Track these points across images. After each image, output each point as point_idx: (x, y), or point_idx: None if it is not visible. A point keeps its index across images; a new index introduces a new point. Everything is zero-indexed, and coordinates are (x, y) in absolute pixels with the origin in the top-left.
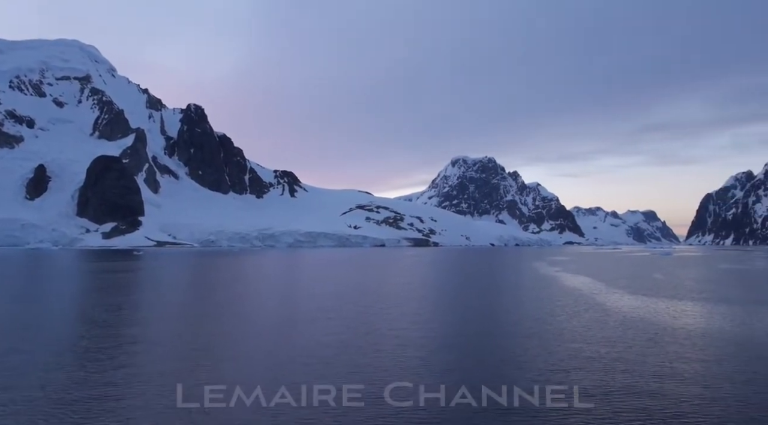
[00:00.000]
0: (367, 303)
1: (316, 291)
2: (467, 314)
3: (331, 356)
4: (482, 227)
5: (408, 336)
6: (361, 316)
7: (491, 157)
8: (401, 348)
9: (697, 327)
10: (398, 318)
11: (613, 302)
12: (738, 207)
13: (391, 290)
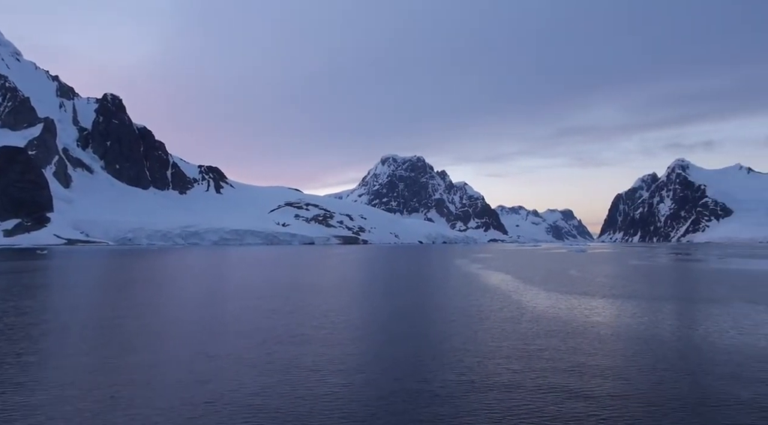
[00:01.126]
0: (274, 306)
1: (227, 292)
2: (383, 314)
3: (218, 369)
4: (411, 225)
5: (312, 336)
6: (264, 319)
7: (420, 156)
8: (299, 347)
9: (606, 324)
10: (301, 323)
11: (529, 300)
12: (644, 207)
13: (309, 289)
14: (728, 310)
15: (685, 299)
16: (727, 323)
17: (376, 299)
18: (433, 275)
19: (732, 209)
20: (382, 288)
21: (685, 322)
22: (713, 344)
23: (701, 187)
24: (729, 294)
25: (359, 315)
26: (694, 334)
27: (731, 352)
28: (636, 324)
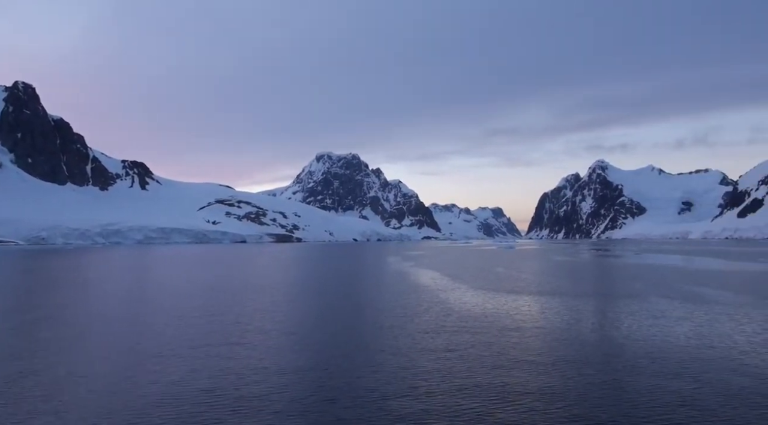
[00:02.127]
0: (188, 308)
1: (142, 294)
2: (304, 315)
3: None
4: (346, 222)
5: (229, 340)
6: (176, 323)
7: (355, 153)
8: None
9: (530, 322)
10: (213, 329)
11: (456, 298)
12: (568, 205)
13: (231, 289)
14: (646, 306)
15: (606, 295)
16: (647, 319)
17: (301, 299)
18: (364, 274)
19: (645, 207)
20: (309, 288)
21: (606, 318)
22: (632, 339)
23: (619, 187)
24: (646, 289)
25: (279, 317)
26: (614, 330)
27: (649, 348)
28: (559, 321)
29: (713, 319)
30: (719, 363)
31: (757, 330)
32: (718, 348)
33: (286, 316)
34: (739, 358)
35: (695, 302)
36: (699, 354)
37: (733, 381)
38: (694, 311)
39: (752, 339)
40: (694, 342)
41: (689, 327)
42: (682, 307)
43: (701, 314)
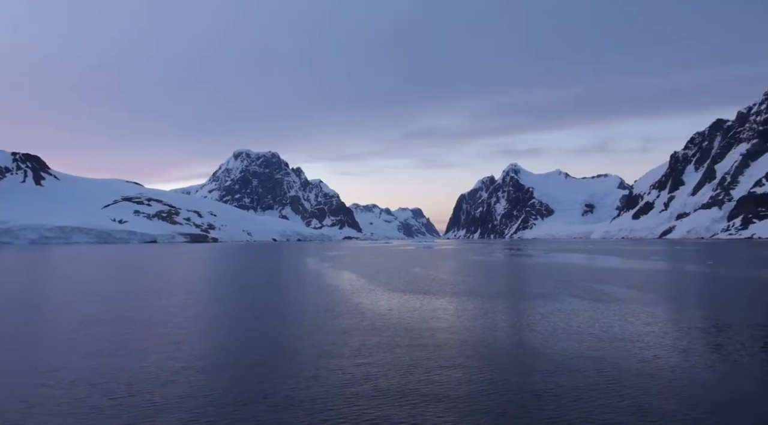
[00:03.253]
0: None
1: (26, 299)
2: (206, 321)
3: None
4: (265, 222)
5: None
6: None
7: (275, 152)
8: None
9: (445, 325)
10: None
11: (370, 301)
12: (484, 206)
13: (122, 294)
14: (559, 306)
15: (520, 295)
16: (560, 320)
17: (205, 303)
18: (279, 275)
19: (553, 209)
20: (216, 291)
21: (521, 319)
22: (546, 340)
23: (530, 189)
24: (557, 289)
25: (179, 322)
26: (528, 331)
27: (562, 348)
28: (474, 323)
29: (622, 319)
30: (629, 361)
31: (665, 330)
32: (628, 346)
33: (186, 321)
34: (647, 356)
35: (603, 302)
36: (610, 353)
37: (645, 380)
38: (603, 310)
39: (662, 340)
40: (605, 341)
41: (600, 327)
42: (592, 307)
43: (610, 314)
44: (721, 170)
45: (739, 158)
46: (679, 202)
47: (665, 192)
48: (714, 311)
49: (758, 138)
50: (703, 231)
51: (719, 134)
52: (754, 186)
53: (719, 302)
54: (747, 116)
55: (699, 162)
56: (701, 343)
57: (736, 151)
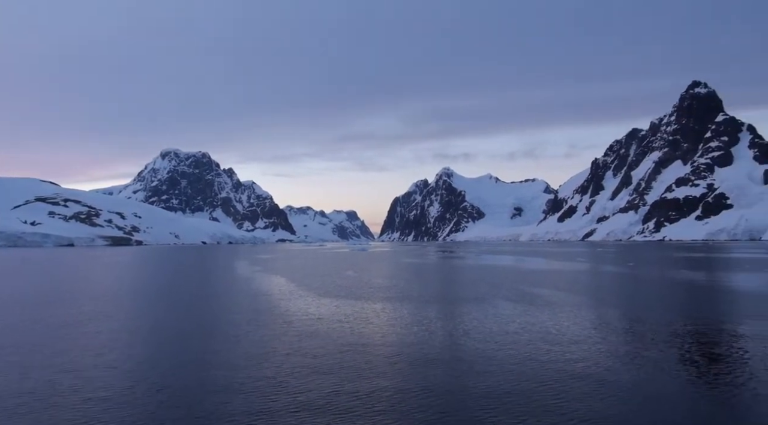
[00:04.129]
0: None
1: None
2: (122, 326)
3: None
4: (194, 224)
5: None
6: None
7: (205, 152)
8: None
9: (375, 330)
10: None
11: (298, 308)
12: (418, 209)
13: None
14: (494, 311)
15: (454, 299)
16: (497, 325)
17: (120, 310)
18: (203, 280)
19: (484, 212)
20: (127, 299)
21: (455, 325)
22: (480, 346)
23: (462, 193)
24: (491, 292)
25: (89, 330)
26: (463, 338)
27: (497, 354)
28: (406, 330)
29: (556, 323)
30: (563, 363)
31: (595, 332)
32: (561, 349)
33: (82, 336)
34: (579, 357)
35: (537, 305)
36: (542, 356)
37: (581, 382)
38: (536, 314)
39: (597, 347)
40: (537, 345)
41: (533, 331)
42: (526, 311)
43: (544, 318)
44: (636, 177)
45: (652, 166)
46: (600, 206)
47: (587, 197)
48: (639, 312)
49: (668, 147)
50: (621, 234)
51: (635, 142)
52: (665, 192)
53: (643, 302)
54: (659, 126)
55: (617, 168)
56: (627, 343)
57: (649, 159)
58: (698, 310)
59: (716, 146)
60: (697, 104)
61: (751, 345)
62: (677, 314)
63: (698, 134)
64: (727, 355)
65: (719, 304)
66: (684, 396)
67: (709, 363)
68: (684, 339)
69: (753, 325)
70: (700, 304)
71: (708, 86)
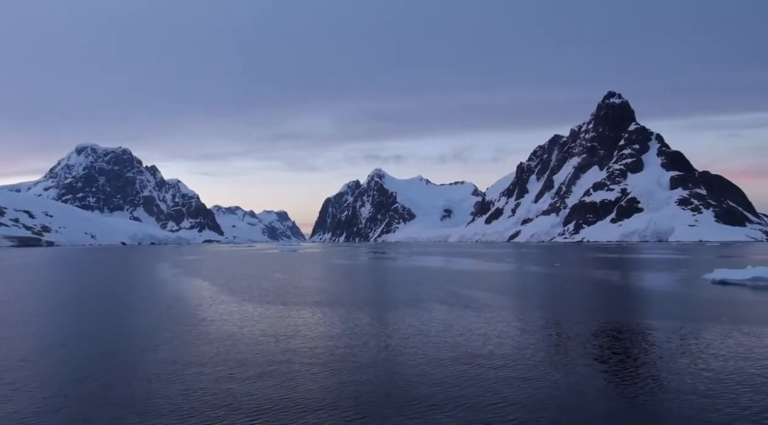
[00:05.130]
0: None
1: None
2: (18, 338)
3: None
4: (113, 224)
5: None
6: None
7: (126, 148)
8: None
9: (303, 343)
10: None
11: (219, 315)
12: (349, 210)
13: None
14: (430, 315)
15: (386, 302)
16: (434, 330)
17: (12, 319)
18: (113, 285)
19: (415, 213)
20: (26, 306)
21: (389, 331)
22: (416, 355)
23: (393, 194)
24: (425, 295)
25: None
26: (396, 346)
27: (433, 364)
28: (336, 341)
29: (490, 326)
30: (500, 368)
31: (528, 334)
32: (499, 353)
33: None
34: (513, 360)
35: (472, 309)
36: (476, 360)
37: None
38: (471, 317)
39: (538, 354)
40: (471, 348)
41: (467, 335)
42: (463, 315)
43: (480, 322)
44: (558, 181)
45: (572, 170)
46: (524, 208)
47: (513, 199)
48: (568, 313)
49: (587, 153)
50: (544, 235)
51: (557, 148)
52: (583, 195)
53: (572, 302)
54: (578, 133)
55: (540, 173)
56: (557, 344)
57: (569, 164)
58: (618, 310)
59: (629, 153)
60: (612, 114)
61: (657, 343)
62: (601, 313)
63: (613, 141)
64: (641, 353)
65: (635, 304)
66: (599, 392)
67: (625, 361)
68: (606, 338)
69: (662, 323)
70: (620, 304)
71: (622, 97)
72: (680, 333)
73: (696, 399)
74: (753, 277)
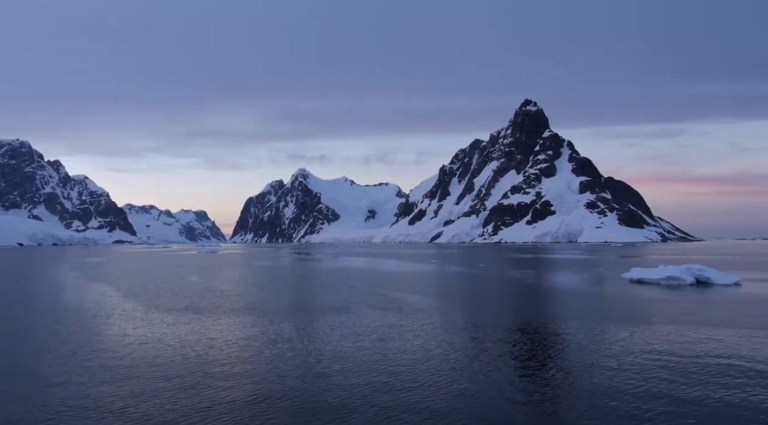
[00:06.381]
0: None
1: None
2: None
3: None
4: (8, 223)
5: None
6: None
7: (24, 141)
8: None
9: (219, 360)
10: None
11: (120, 328)
12: (272, 210)
13: None
14: (360, 321)
15: (312, 308)
16: (362, 334)
17: None
18: (2, 292)
19: (340, 214)
20: None
21: (317, 343)
22: (337, 358)
23: (318, 194)
24: (354, 299)
25: None
26: (316, 349)
27: (353, 367)
28: (258, 355)
29: (422, 331)
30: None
31: (456, 337)
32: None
33: None
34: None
35: (405, 313)
36: (407, 368)
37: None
38: (403, 323)
39: (462, 360)
40: (402, 356)
41: (400, 343)
42: (398, 320)
43: (410, 327)
44: (478, 183)
45: (491, 174)
46: (446, 210)
47: (435, 201)
48: (494, 315)
49: (505, 158)
50: (465, 236)
51: (477, 152)
52: (502, 198)
53: (504, 303)
54: (497, 138)
55: (462, 176)
56: (488, 345)
57: (489, 167)
58: (550, 312)
59: (543, 159)
60: (528, 121)
61: (569, 341)
62: (534, 316)
63: (529, 147)
64: (570, 354)
65: (565, 305)
66: (515, 396)
67: (543, 360)
68: (540, 341)
69: (578, 323)
70: (551, 305)
71: (537, 105)
72: (612, 334)
73: (621, 397)
74: (667, 276)
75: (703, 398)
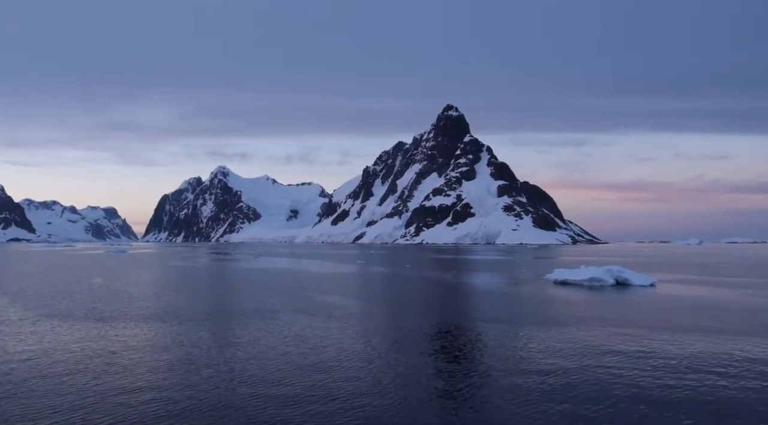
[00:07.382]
0: None
1: None
2: None
3: None
4: None
5: None
6: None
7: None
8: None
9: (119, 374)
10: None
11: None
12: (189, 208)
13: None
14: (288, 330)
15: (235, 313)
16: (285, 340)
17: None
18: None
19: (261, 213)
20: None
21: (239, 356)
22: (256, 366)
23: (238, 193)
24: (278, 303)
25: None
26: (234, 357)
27: (273, 376)
28: (168, 372)
29: (353, 337)
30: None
31: (386, 341)
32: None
33: None
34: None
35: (335, 318)
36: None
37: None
38: (328, 328)
39: (386, 363)
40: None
41: (329, 350)
42: (328, 326)
43: (343, 332)
44: (401, 185)
45: (413, 176)
46: (369, 211)
47: (359, 202)
48: (427, 316)
49: (427, 160)
50: (387, 237)
51: (400, 154)
52: (424, 200)
53: (432, 304)
54: (420, 141)
55: (385, 177)
56: (417, 349)
57: (412, 170)
58: (479, 313)
59: (464, 162)
60: (450, 125)
61: (496, 343)
62: (464, 317)
63: (451, 150)
64: (499, 355)
65: (493, 307)
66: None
67: (471, 362)
68: (472, 343)
69: (506, 326)
70: (480, 307)
71: (458, 110)
72: (537, 335)
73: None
74: (590, 278)
75: (622, 397)
